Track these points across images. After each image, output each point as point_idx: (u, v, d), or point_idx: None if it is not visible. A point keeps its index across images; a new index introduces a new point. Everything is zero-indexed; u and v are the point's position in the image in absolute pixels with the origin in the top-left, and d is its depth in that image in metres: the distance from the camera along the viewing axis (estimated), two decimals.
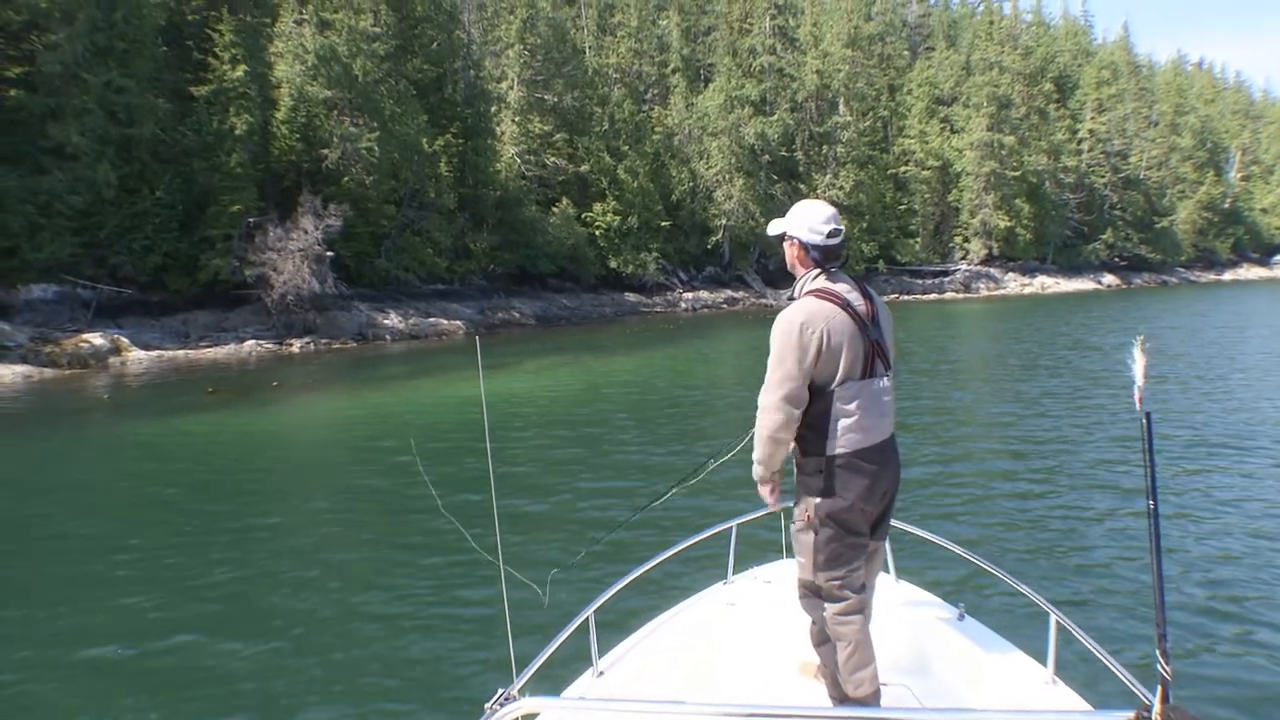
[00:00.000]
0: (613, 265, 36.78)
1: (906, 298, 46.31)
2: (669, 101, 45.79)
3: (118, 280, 23.00)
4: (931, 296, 47.66)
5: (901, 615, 3.04)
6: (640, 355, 21.01)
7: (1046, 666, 2.62)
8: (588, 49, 43.13)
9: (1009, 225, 50.90)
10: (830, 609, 2.38)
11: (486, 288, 32.25)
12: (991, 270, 51.53)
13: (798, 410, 2.33)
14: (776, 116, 45.09)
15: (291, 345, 23.43)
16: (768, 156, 44.50)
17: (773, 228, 2.55)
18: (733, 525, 3.36)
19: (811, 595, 2.44)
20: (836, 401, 2.32)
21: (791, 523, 2.48)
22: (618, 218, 36.92)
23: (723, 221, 41.89)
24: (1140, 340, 1.48)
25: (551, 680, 2.58)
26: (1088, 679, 2.89)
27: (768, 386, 2.35)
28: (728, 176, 42.26)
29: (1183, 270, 62.96)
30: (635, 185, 37.95)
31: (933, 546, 3.34)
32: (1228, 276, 65.59)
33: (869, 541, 2.44)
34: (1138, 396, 1.47)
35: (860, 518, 2.37)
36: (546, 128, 36.47)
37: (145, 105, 23.10)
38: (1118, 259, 58.56)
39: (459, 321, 28.42)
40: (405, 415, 13.06)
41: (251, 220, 24.37)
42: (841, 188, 45.89)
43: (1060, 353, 19.36)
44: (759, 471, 2.47)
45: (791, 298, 2.45)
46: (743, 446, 2.69)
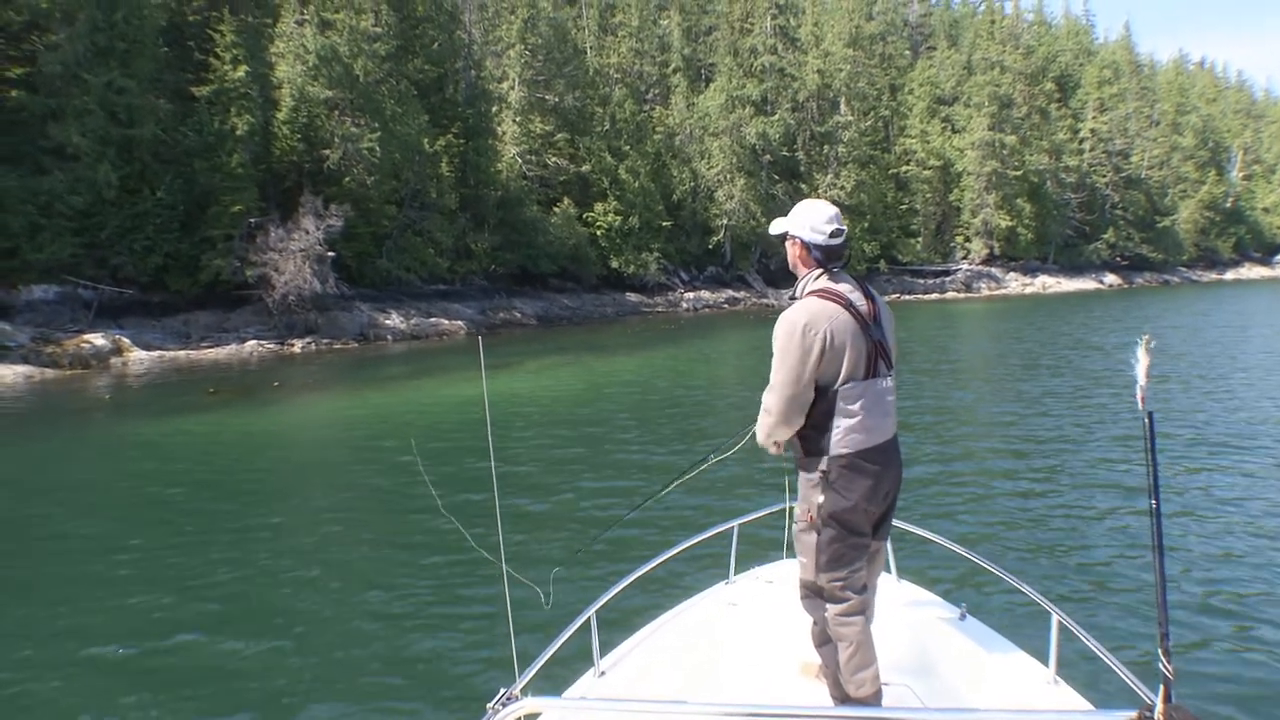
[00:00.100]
0: (614, 265, 36.79)
1: (908, 297, 46.28)
2: (670, 101, 45.81)
3: (119, 281, 23.02)
4: (933, 296, 47.63)
5: (903, 615, 3.03)
6: (641, 355, 21.01)
7: (1048, 666, 2.62)
8: (589, 49, 43.14)
9: (1010, 225, 50.87)
10: (832, 610, 2.37)
11: (488, 288, 32.26)
12: (993, 270, 51.49)
13: (801, 411, 2.33)
14: (778, 116, 45.08)
15: (293, 345, 23.44)
16: (769, 156, 44.49)
17: (774, 227, 2.54)
18: (734, 525, 3.36)
19: (813, 596, 2.44)
20: (839, 401, 2.32)
21: (793, 523, 2.48)
22: (619, 218, 36.92)
23: (724, 221, 41.88)
24: (1145, 340, 1.47)
25: (553, 680, 2.58)
26: (1089, 678, 2.89)
27: (771, 387, 2.35)
28: (729, 176, 42.26)
29: (1184, 270, 62.90)
30: (636, 185, 37.95)
31: (934, 546, 3.33)
32: (1229, 276, 65.53)
33: (871, 542, 2.44)
34: (1140, 396, 1.46)
35: (863, 518, 2.36)
36: (548, 128, 36.47)
37: (146, 106, 23.11)
38: (1119, 259, 58.51)
39: (460, 322, 28.42)
40: (406, 415, 13.06)
41: (253, 220, 24.39)
42: (843, 187, 45.87)
43: (1062, 352, 19.34)
44: (764, 440, 2.48)
45: (794, 297, 2.44)
46: (743, 445, 2.69)
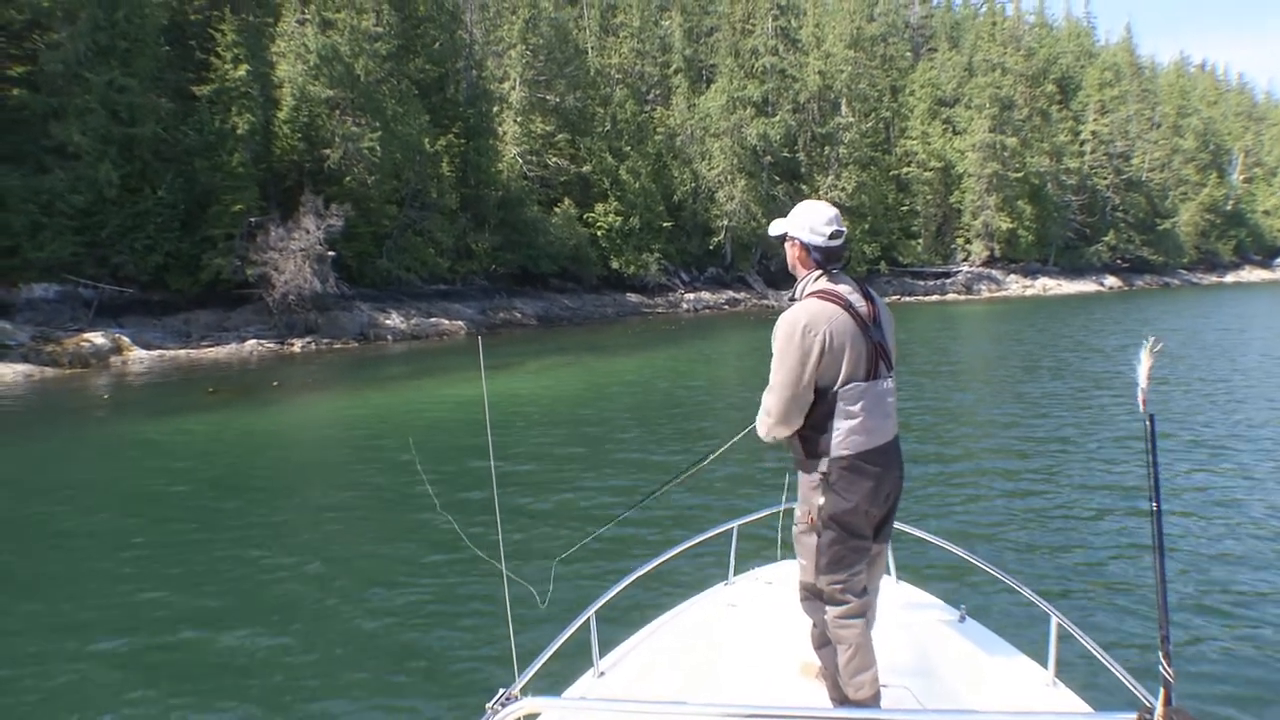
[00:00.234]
0: (614, 266, 36.79)
1: (908, 299, 46.28)
2: (671, 102, 45.83)
3: (119, 279, 23.02)
4: (933, 298, 47.63)
5: (902, 617, 3.03)
6: (642, 356, 21.01)
7: (1048, 668, 2.61)
8: (590, 49, 43.16)
9: (1011, 227, 50.88)
10: (831, 612, 2.37)
11: (488, 288, 32.26)
12: (993, 272, 51.50)
13: (800, 412, 2.32)
14: (778, 117, 45.10)
15: (293, 345, 23.44)
16: (770, 157, 44.50)
17: (774, 228, 2.54)
18: (734, 526, 3.35)
19: (813, 598, 2.43)
20: (839, 403, 2.31)
21: (794, 525, 2.47)
22: (619, 218, 36.93)
23: (724, 222, 41.89)
24: (1150, 342, 1.46)
25: (552, 680, 2.58)
26: (1089, 680, 2.88)
27: (770, 389, 2.34)
28: (729, 177, 42.27)
29: (1185, 272, 62.92)
30: (637, 186, 37.96)
31: (934, 548, 3.33)
32: (1230, 279, 65.55)
33: (872, 544, 2.43)
34: (1141, 398, 1.46)
35: (863, 520, 2.35)
36: (549, 128, 36.49)
37: (147, 104, 23.12)
38: (1120, 261, 58.51)
39: (460, 322, 28.42)
40: (406, 415, 13.06)
41: (253, 220, 24.40)
42: (843, 189, 45.88)
43: (1062, 354, 19.34)
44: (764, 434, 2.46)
45: (793, 299, 2.44)
46: (743, 444, 2.68)
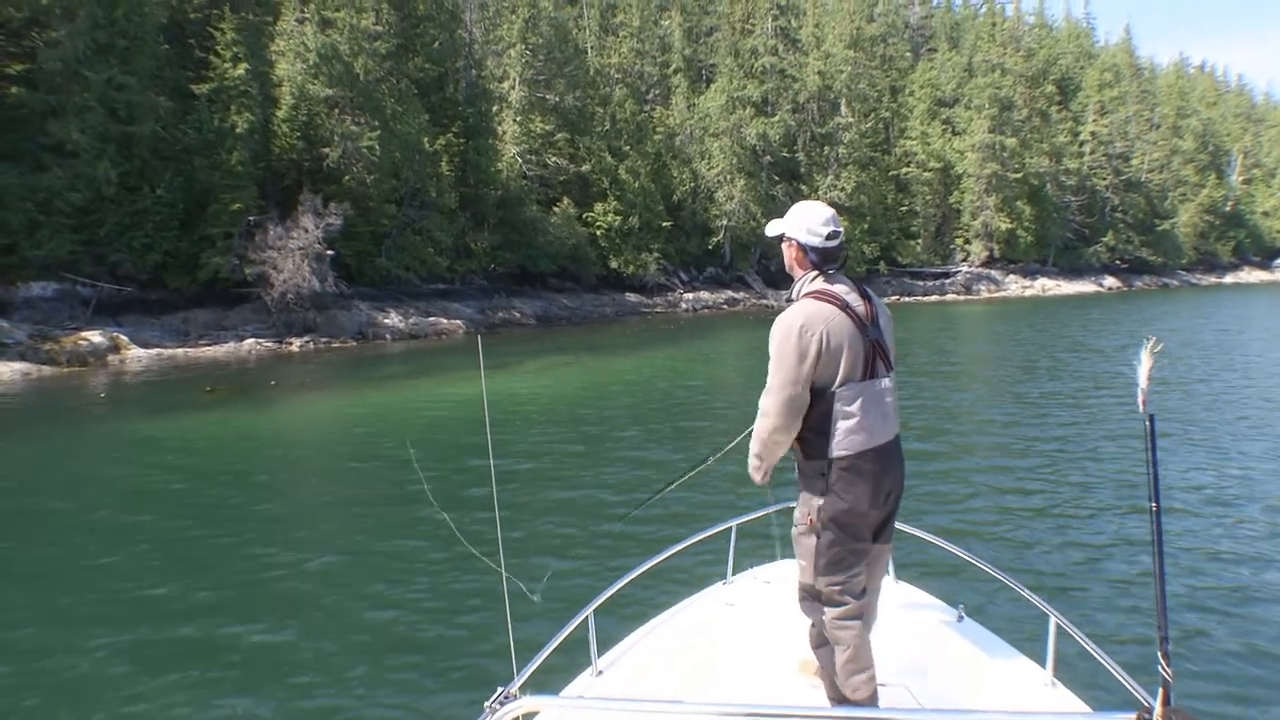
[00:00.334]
0: (613, 265, 36.78)
1: (907, 299, 46.30)
2: (670, 102, 45.81)
3: (117, 278, 22.99)
4: (932, 298, 47.66)
5: (901, 616, 3.03)
6: (641, 355, 21.01)
7: (1046, 668, 2.61)
8: (589, 49, 43.14)
9: (1010, 227, 50.91)
10: (829, 613, 2.36)
11: (487, 287, 32.24)
12: (992, 272, 51.53)
13: (798, 414, 2.31)
14: (778, 117, 45.09)
15: (291, 344, 23.42)
16: (769, 157, 44.50)
17: (771, 229, 2.53)
18: (732, 525, 3.35)
19: (811, 599, 2.42)
20: (837, 403, 2.30)
21: (793, 525, 2.47)
22: (619, 218, 36.92)
23: (724, 222, 41.89)
24: (1150, 343, 1.46)
25: (551, 679, 2.58)
26: (1088, 681, 2.88)
27: (768, 390, 2.33)
28: (729, 177, 42.26)
29: (1184, 273, 62.98)
30: (636, 185, 37.95)
31: (932, 547, 3.33)
32: (1229, 279, 65.62)
33: (871, 546, 2.41)
34: (1141, 399, 1.45)
35: (863, 521, 2.34)
36: (548, 127, 36.47)
37: (146, 103, 23.09)
38: (1119, 261, 58.57)
39: (459, 321, 28.41)
40: (405, 414, 13.05)
41: (252, 219, 24.37)
42: (843, 189, 45.89)
43: (1061, 354, 19.36)
44: (755, 464, 2.45)
45: (790, 300, 2.44)
46: (740, 443, 2.68)
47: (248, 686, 4.39)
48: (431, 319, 27.86)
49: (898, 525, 2.56)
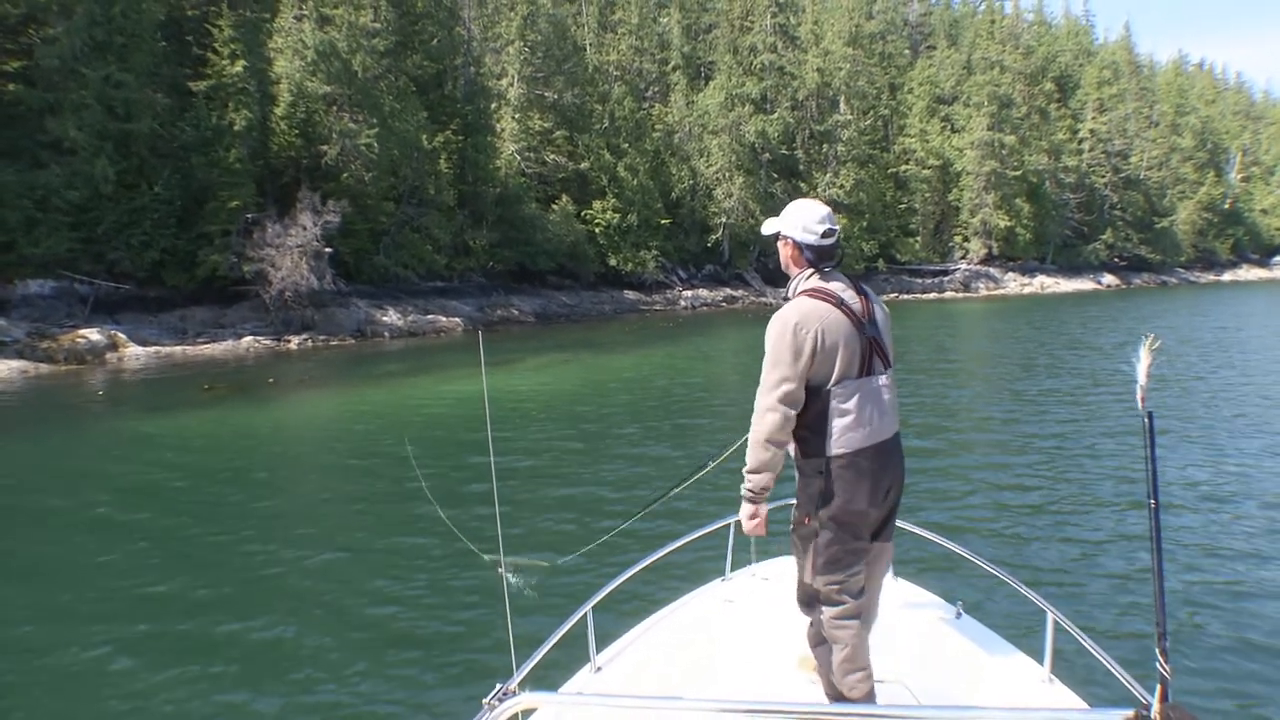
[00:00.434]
0: (612, 263, 36.76)
1: (906, 297, 46.32)
2: (669, 99, 45.73)
3: (115, 276, 22.94)
4: (931, 296, 47.67)
5: (899, 613, 3.03)
6: (640, 353, 21.00)
7: (1044, 665, 2.61)
8: (588, 46, 43.06)
9: (1009, 225, 50.91)
10: (828, 613, 2.35)
11: (485, 285, 32.21)
12: (991, 270, 51.54)
13: (794, 411, 2.30)
14: (777, 115, 45.05)
15: (289, 342, 23.40)
16: (768, 155, 44.46)
17: (767, 227, 2.52)
18: (730, 522, 3.34)
19: (809, 598, 2.42)
20: (834, 401, 2.29)
21: (791, 524, 2.46)
22: (617, 215, 36.88)
23: (722, 220, 41.87)
24: (1149, 340, 1.46)
25: (549, 676, 2.58)
26: (1086, 678, 2.89)
27: (763, 388, 2.32)
28: (728, 174, 42.23)
29: (1182, 271, 63.02)
30: (635, 183, 37.91)
31: (930, 544, 3.33)
32: (1227, 277, 65.67)
33: (871, 544, 2.40)
34: (1140, 396, 1.45)
35: (862, 520, 2.33)
36: (546, 125, 36.42)
37: (144, 100, 23.03)
38: (1117, 259, 58.60)
39: (458, 319, 28.39)
40: (404, 411, 13.04)
41: (250, 216, 24.31)
42: (842, 186, 45.87)
43: (1059, 352, 19.37)
44: (752, 482, 2.35)
45: (786, 298, 2.43)
46: (741, 444, 2.67)
47: (247, 682, 4.39)
48: (430, 317, 27.83)
49: (897, 523, 2.56)
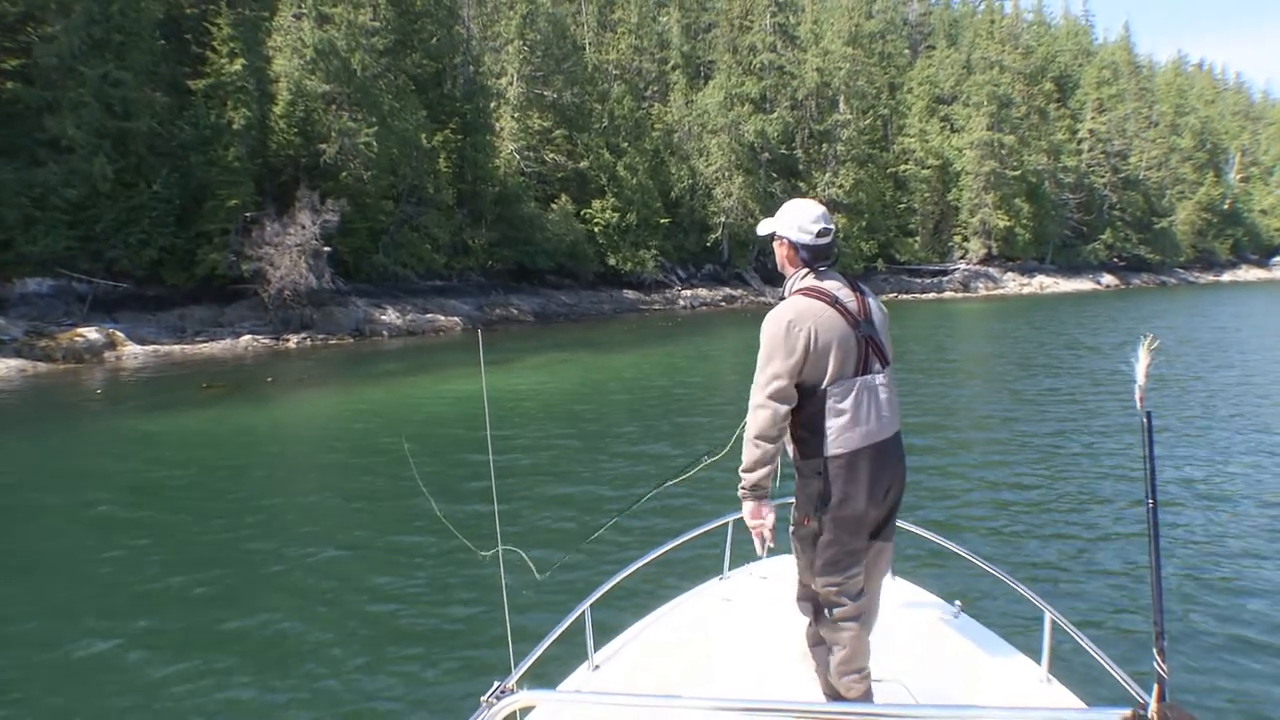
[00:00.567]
0: (611, 262, 36.75)
1: (905, 297, 46.33)
2: (669, 98, 45.73)
3: (114, 274, 22.91)
4: (930, 296, 47.69)
5: (897, 613, 3.03)
6: (639, 352, 21.00)
7: (1041, 665, 2.61)
8: (587, 45, 43.05)
9: (1008, 225, 50.94)
10: (826, 614, 2.35)
11: (485, 284, 32.20)
12: (990, 270, 51.57)
13: (785, 409, 2.29)
14: (776, 114, 45.05)
15: (288, 340, 23.38)
16: (767, 154, 44.47)
17: (762, 228, 2.52)
18: (729, 520, 3.34)
19: (808, 599, 2.42)
20: (830, 401, 2.28)
21: (790, 525, 2.46)
22: (617, 215, 36.88)
23: (722, 219, 41.88)
24: (1147, 340, 1.46)
25: (548, 674, 2.58)
26: (1084, 677, 2.89)
27: (756, 386, 2.31)
28: (727, 174, 42.23)
29: (1181, 271, 63.07)
30: (634, 182, 37.91)
31: (929, 544, 3.33)
32: (1226, 278, 65.72)
33: (871, 543, 2.39)
34: (1138, 396, 1.45)
35: (861, 519, 2.32)
36: (546, 124, 36.41)
37: (142, 99, 23.00)
38: (1117, 259, 58.64)
39: (457, 318, 28.38)
40: (403, 410, 13.04)
41: (249, 215, 24.29)
42: (841, 186, 45.88)
43: (1058, 352, 19.38)
44: (748, 480, 2.35)
45: (783, 297, 2.42)
46: (736, 443, 2.67)
47: (246, 679, 4.39)
48: (429, 316, 27.82)
49: (896, 522, 2.55)
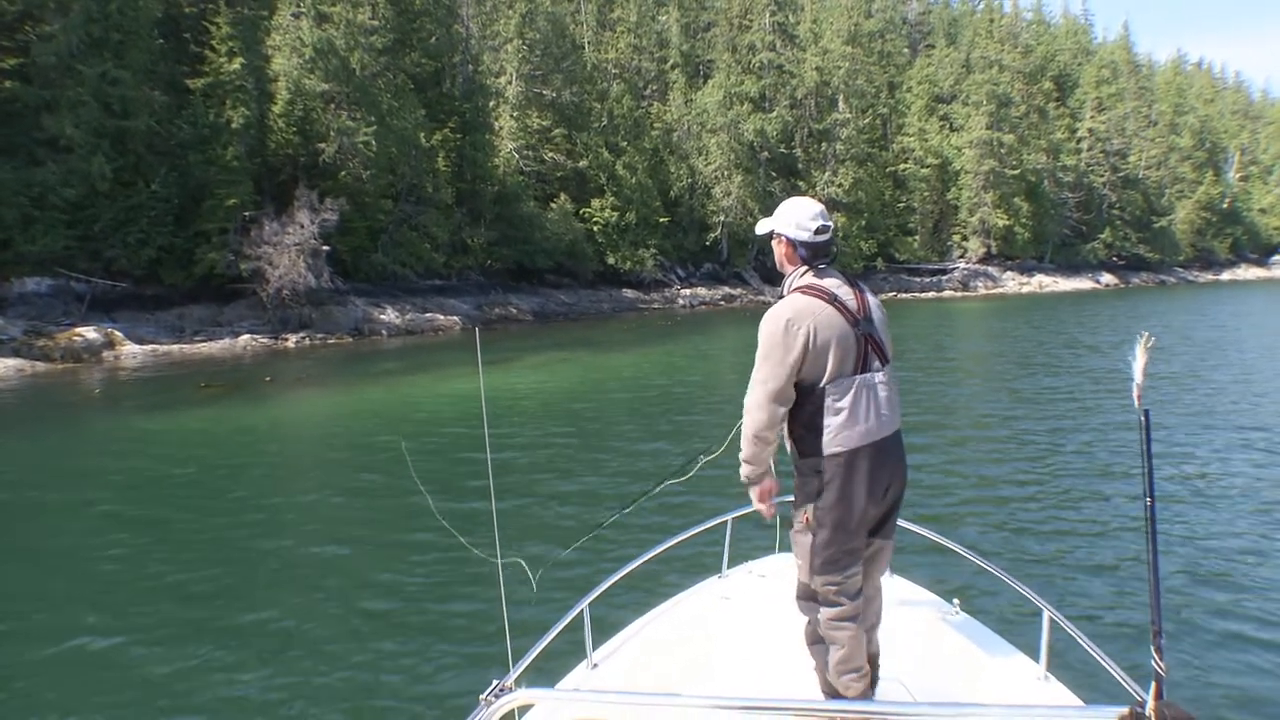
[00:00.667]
0: (610, 261, 36.75)
1: (905, 296, 46.35)
2: (668, 97, 45.72)
3: (112, 274, 22.90)
4: (930, 295, 47.70)
5: (895, 610, 3.02)
6: (638, 351, 21.00)
7: (1039, 663, 2.62)
8: (587, 44, 43.03)
9: (1007, 224, 50.96)
10: (825, 613, 2.35)
11: (484, 283, 32.20)
12: (990, 269, 51.59)
13: (782, 408, 2.29)
14: (775, 113, 45.05)
15: (287, 340, 23.37)
16: (766, 153, 44.47)
17: (761, 227, 2.52)
18: (727, 519, 3.35)
19: (808, 598, 2.41)
20: (828, 398, 2.28)
21: (789, 524, 2.46)
22: (616, 214, 36.87)
23: (721, 218, 41.88)
24: (1144, 338, 1.46)
25: (546, 672, 2.58)
26: (1081, 675, 2.89)
27: (753, 384, 2.32)
28: (726, 173, 42.23)
29: (1180, 270, 63.11)
30: (633, 181, 37.90)
31: (927, 542, 3.33)
32: (1225, 276, 65.76)
33: (870, 543, 2.39)
34: (1136, 394, 1.45)
35: (860, 518, 2.31)
36: (545, 123, 36.39)
37: (141, 98, 22.98)
38: (1116, 258, 58.67)
39: (456, 317, 28.37)
40: (402, 410, 13.04)
41: (247, 214, 24.28)
42: (840, 185, 45.88)
43: (1057, 351, 19.39)
44: (746, 471, 2.40)
45: (781, 295, 2.42)
46: (732, 440, 2.68)
47: (245, 675, 4.39)
48: (428, 315, 27.81)
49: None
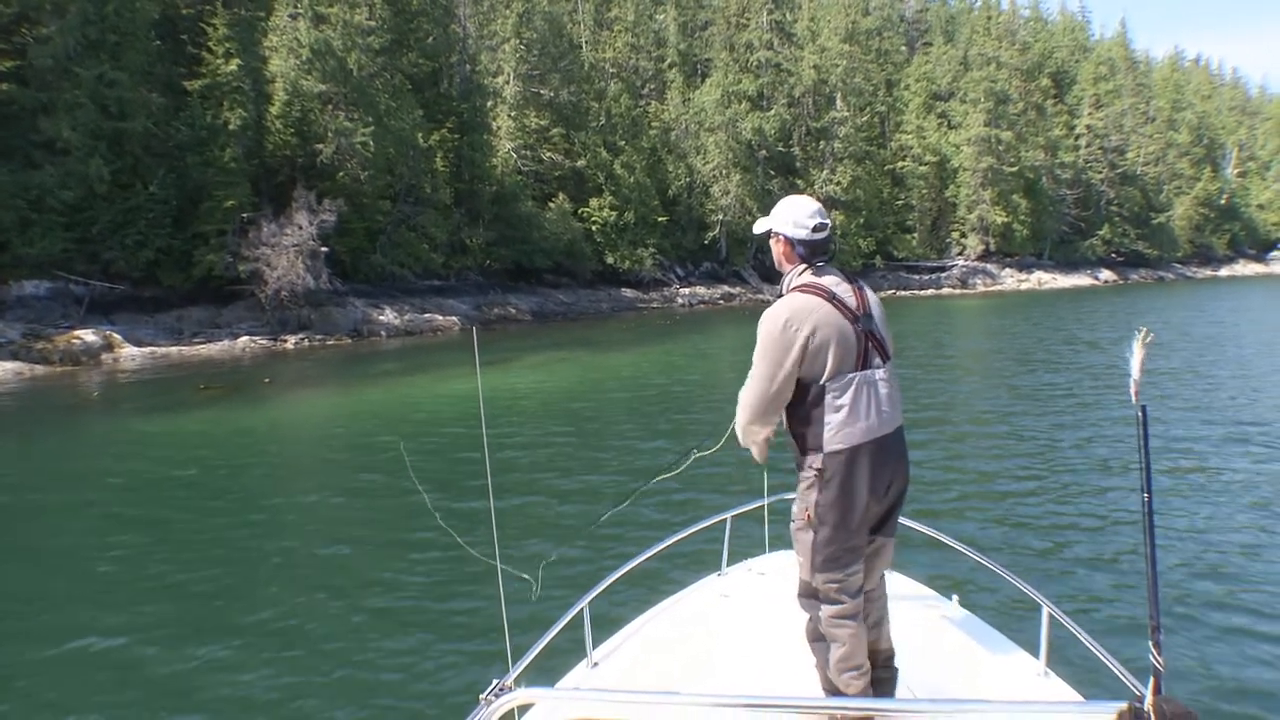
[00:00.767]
0: (609, 261, 36.74)
1: (903, 293, 46.35)
2: (666, 96, 45.71)
3: (110, 276, 22.87)
4: (928, 292, 47.71)
5: (894, 606, 3.02)
6: (637, 351, 21.00)
7: (1039, 658, 2.62)
8: (584, 43, 43.01)
9: (1006, 221, 50.97)
10: (826, 611, 2.34)
11: (482, 283, 32.18)
12: (988, 266, 51.61)
13: (775, 408, 2.31)
14: (773, 112, 45.04)
15: (286, 341, 23.36)
16: (765, 152, 44.46)
17: (759, 226, 2.52)
18: (727, 517, 3.35)
19: (809, 595, 2.41)
20: (829, 396, 2.27)
21: (791, 521, 2.46)
22: (614, 213, 36.86)
23: (719, 217, 41.87)
24: (1141, 334, 1.46)
25: (546, 671, 2.58)
26: (1080, 670, 2.89)
27: (749, 383, 2.32)
28: (724, 172, 42.22)
29: (1179, 266, 63.16)
30: (632, 180, 37.89)
31: (927, 538, 3.33)
32: (1224, 272, 65.80)
33: (872, 540, 2.39)
34: (1134, 390, 1.45)
35: (861, 516, 2.31)
36: (543, 122, 36.37)
37: (138, 99, 22.95)
38: (1114, 255, 58.70)
39: (455, 317, 28.36)
40: (401, 410, 13.03)
41: (245, 216, 24.25)
42: (839, 183, 45.88)
43: (1056, 347, 19.41)
44: (752, 453, 2.47)
45: (780, 294, 2.42)
46: (729, 438, 2.68)
47: (245, 675, 4.38)
48: (427, 315, 27.80)
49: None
